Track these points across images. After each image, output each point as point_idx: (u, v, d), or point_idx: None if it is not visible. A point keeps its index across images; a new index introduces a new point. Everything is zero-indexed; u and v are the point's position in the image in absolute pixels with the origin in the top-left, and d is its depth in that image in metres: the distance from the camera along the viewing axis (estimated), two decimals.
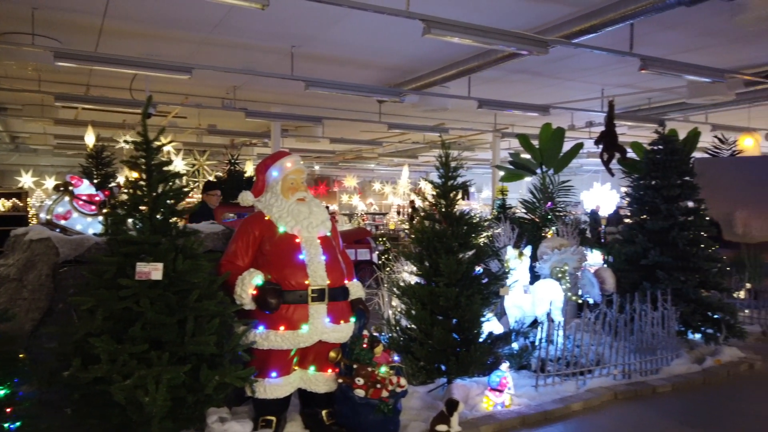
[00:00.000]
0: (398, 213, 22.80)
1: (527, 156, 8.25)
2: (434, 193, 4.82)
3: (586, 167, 24.49)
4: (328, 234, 3.89)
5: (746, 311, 7.47)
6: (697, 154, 10.03)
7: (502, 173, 8.77)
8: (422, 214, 4.98)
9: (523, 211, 7.85)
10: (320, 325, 3.63)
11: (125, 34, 8.07)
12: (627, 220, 6.94)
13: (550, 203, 7.53)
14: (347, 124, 14.62)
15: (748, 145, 11.01)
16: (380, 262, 8.99)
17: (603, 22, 6.31)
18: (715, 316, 6.04)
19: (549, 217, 7.31)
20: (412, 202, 21.17)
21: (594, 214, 15.95)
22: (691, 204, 6.47)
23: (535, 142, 7.99)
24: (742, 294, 7.83)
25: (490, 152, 17.57)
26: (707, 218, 6.48)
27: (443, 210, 4.77)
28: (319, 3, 5.36)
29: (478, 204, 25.79)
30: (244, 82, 10.86)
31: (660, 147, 6.47)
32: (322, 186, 28.49)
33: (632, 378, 5.09)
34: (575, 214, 9.59)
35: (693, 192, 6.41)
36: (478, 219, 4.97)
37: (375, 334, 4.18)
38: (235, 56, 9.13)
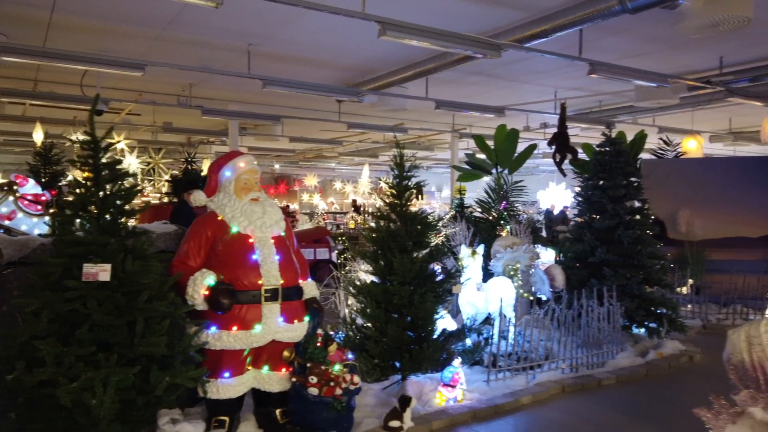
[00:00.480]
0: (358, 212, 23.11)
1: (483, 156, 8.43)
2: (390, 192, 4.90)
3: (542, 167, 25.04)
4: (282, 234, 3.91)
5: (689, 306, 7.83)
6: (644, 155, 10.46)
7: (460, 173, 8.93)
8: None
9: (479, 210, 8.02)
10: (273, 325, 3.64)
11: (75, 28, 7.84)
12: (578, 219, 7.16)
13: (504, 203, 7.72)
14: (307, 123, 14.55)
15: (692, 147, 11.47)
16: (339, 261, 9.00)
17: (553, 27, 6.49)
18: (658, 311, 6.31)
19: (503, 216, 7.49)
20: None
21: (548, 213, 16.31)
22: (636, 203, 6.74)
23: (491, 143, 8.17)
24: (685, 290, 8.19)
25: (449, 152, 17.79)
26: (651, 217, 6.75)
27: (398, 209, 4.85)
28: (275, 2, 5.34)
29: (437, 203, 26.17)
30: (201, 79, 10.68)
31: (607, 149, 6.72)
32: (283, 185, 28.25)
33: (579, 371, 5.29)
34: (529, 214, 9.85)
35: (638, 192, 6.67)
36: (432, 218, 5.07)
37: (330, 332, 4.23)
38: (190, 53, 8.98)
